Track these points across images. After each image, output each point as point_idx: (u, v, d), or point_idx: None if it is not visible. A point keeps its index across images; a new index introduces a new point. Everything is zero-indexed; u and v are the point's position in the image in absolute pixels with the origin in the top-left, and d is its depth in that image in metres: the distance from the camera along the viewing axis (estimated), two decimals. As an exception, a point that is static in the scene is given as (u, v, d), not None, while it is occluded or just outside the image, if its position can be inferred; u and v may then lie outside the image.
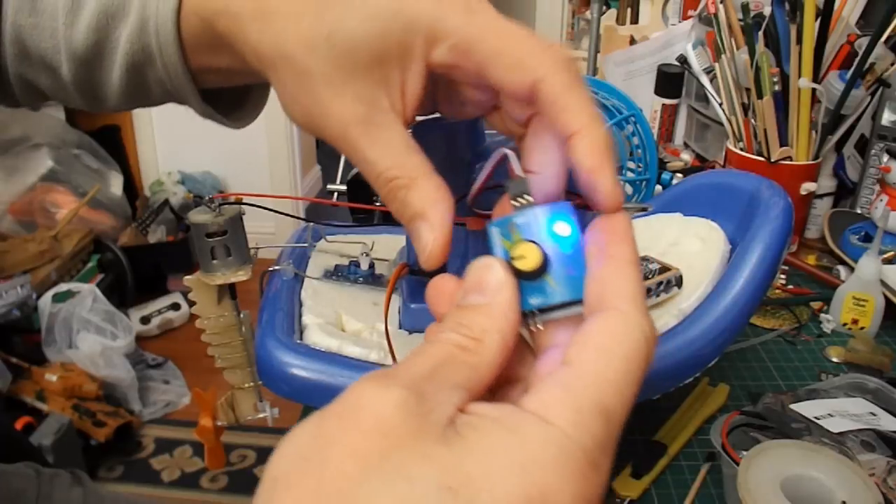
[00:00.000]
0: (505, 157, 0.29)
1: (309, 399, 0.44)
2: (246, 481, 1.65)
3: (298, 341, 0.45)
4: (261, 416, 0.54)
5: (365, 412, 0.20)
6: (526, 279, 0.25)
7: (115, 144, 2.57)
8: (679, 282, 0.49)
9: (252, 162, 2.67)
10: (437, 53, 0.30)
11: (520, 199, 0.27)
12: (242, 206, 0.48)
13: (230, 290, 0.50)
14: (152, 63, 0.42)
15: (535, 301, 0.25)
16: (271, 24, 0.33)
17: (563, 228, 0.26)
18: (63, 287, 1.92)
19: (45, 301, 1.85)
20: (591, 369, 0.22)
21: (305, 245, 0.57)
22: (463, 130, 0.38)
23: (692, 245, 0.54)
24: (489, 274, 0.24)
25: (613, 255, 0.25)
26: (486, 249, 0.27)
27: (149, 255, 2.34)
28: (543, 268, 0.25)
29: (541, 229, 0.26)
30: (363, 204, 0.91)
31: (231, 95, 0.45)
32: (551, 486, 0.18)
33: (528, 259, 0.25)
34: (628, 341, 0.22)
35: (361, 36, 0.30)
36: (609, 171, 0.26)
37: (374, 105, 0.31)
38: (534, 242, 0.25)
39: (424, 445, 0.19)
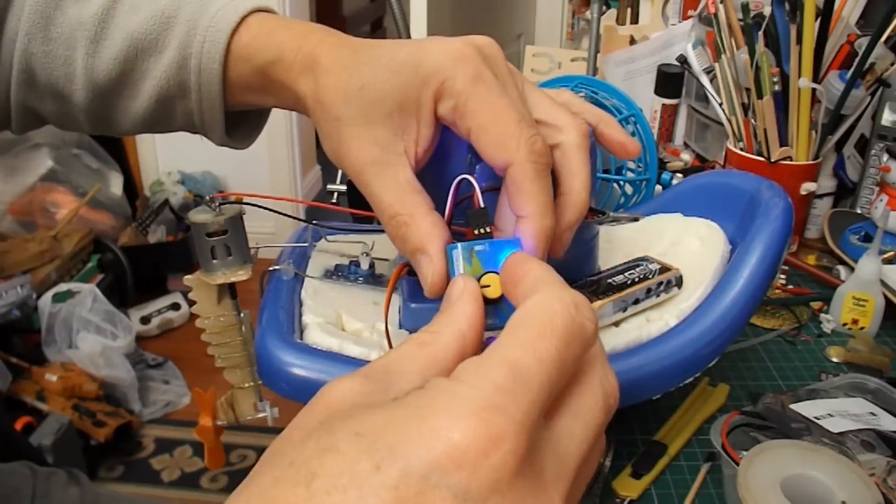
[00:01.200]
0: (463, 182, 0.34)
1: (309, 398, 0.44)
2: (246, 481, 1.65)
3: (298, 341, 0.45)
4: (261, 415, 0.54)
5: (321, 399, 0.23)
6: (487, 304, 0.29)
7: (114, 144, 2.57)
8: (679, 282, 0.49)
9: (252, 162, 2.66)
10: (441, 108, 0.35)
11: (481, 230, 0.33)
12: (242, 205, 0.48)
13: (230, 290, 0.50)
14: (185, 97, 0.44)
15: (489, 321, 0.29)
16: (318, 76, 0.38)
17: None
18: (63, 287, 1.92)
19: (45, 301, 1.85)
20: (500, 339, 0.24)
21: (305, 245, 0.57)
22: (465, 144, 0.38)
23: (692, 245, 0.54)
24: (453, 286, 0.28)
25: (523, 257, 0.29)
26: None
27: (149, 255, 2.34)
28: (502, 296, 0.30)
29: (499, 261, 0.30)
30: (362, 204, 0.90)
31: (231, 119, 0.47)
32: (442, 426, 0.20)
33: (493, 288, 0.30)
34: (540, 310, 0.24)
35: (388, 90, 0.35)
36: (543, 253, 0.32)
37: (389, 149, 0.35)
38: (495, 273, 0.30)
39: (355, 410, 0.22)
